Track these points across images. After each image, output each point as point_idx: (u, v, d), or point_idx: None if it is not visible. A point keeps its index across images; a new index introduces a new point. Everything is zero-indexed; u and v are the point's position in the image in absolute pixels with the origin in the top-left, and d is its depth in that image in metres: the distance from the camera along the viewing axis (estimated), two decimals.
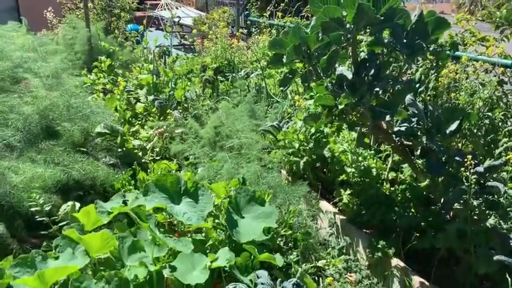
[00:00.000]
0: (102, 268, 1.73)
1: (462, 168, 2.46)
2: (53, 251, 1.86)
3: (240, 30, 6.63)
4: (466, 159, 2.42)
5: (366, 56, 2.85)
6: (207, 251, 2.03)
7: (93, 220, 2.03)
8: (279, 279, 1.71)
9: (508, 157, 2.47)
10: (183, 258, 1.79)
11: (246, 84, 5.28)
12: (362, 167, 3.54)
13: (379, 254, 2.85)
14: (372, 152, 3.66)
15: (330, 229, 3.39)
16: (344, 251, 3.19)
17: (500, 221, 2.52)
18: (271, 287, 1.66)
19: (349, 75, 2.85)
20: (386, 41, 2.78)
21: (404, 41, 2.75)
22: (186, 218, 1.97)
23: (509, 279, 2.18)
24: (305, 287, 1.75)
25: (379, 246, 2.86)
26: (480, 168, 2.48)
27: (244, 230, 1.96)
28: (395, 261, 2.80)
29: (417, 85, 3.65)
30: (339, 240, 3.27)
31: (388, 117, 2.65)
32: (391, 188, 3.35)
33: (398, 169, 3.56)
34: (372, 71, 2.70)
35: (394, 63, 3.45)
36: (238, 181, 2.30)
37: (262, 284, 1.67)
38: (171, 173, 2.07)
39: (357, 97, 2.68)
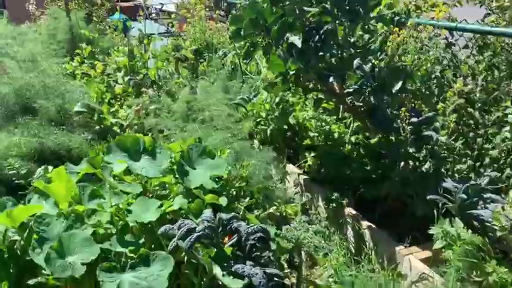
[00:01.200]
0: None
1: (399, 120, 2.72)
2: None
3: (217, 12, 6.83)
4: (400, 112, 2.68)
5: (313, 25, 3.09)
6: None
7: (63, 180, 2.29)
8: (218, 213, 1.99)
9: (439, 107, 2.72)
10: (139, 202, 2.06)
11: (222, 63, 5.52)
12: (324, 131, 3.81)
13: (334, 204, 3.13)
14: (334, 117, 3.92)
15: (295, 188, 3.68)
16: (307, 206, 3.48)
17: (437, 166, 2.79)
18: (211, 219, 1.93)
19: (299, 43, 3.09)
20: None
21: (347, 8, 2.98)
22: (144, 172, 2.24)
23: (436, 214, 2.45)
24: (247, 221, 2.02)
25: (334, 197, 3.13)
26: (414, 119, 2.74)
27: (194, 179, 2.22)
28: (348, 210, 3.08)
29: (378, 53, 3.89)
30: (302, 197, 3.55)
31: (332, 79, 2.90)
32: (350, 148, 3.62)
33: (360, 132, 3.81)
34: (317, 37, 2.94)
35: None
36: (194, 140, 2.55)
37: (205, 217, 1.94)
38: (130, 134, 2.33)
39: (304, 62, 2.93)
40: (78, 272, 1.58)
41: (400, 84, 3.04)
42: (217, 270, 1.73)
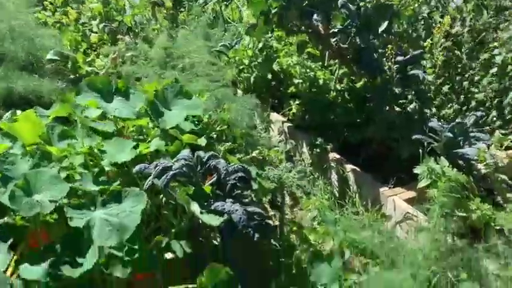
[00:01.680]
0: None
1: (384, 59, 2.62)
2: None
3: None
4: (386, 49, 2.57)
5: None
6: None
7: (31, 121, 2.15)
8: (197, 151, 1.90)
9: (425, 44, 2.62)
10: (113, 143, 1.95)
11: (202, 10, 5.28)
12: (309, 78, 3.70)
13: (318, 150, 3.07)
14: (319, 63, 3.79)
15: (279, 136, 3.60)
16: (291, 153, 3.42)
17: (422, 107, 2.72)
18: (189, 158, 1.84)
19: None
20: None
21: None
22: (118, 113, 2.12)
23: (421, 152, 2.40)
24: (226, 161, 1.93)
25: (318, 143, 3.07)
26: (400, 58, 2.64)
27: (169, 119, 2.11)
28: (332, 155, 3.02)
29: None
30: (287, 145, 3.48)
31: (315, 17, 2.76)
32: (335, 95, 3.53)
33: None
34: None
35: None
36: (170, 82, 2.42)
37: (182, 156, 1.85)
38: (102, 75, 2.19)
39: None
40: (47, 209, 1.49)
41: (386, 23, 2.91)
42: (195, 207, 1.66)
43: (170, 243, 1.83)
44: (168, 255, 1.93)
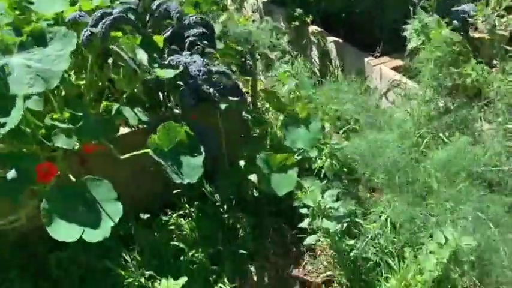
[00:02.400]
0: None
1: None
2: None
3: None
4: None
5: None
6: None
7: None
8: None
9: None
10: None
11: None
12: None
13: (297, 23, 2.73)
14: None
15: (253, 14, 3.23)
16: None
17: None
18: (134, 2, 1.51)
19: None
20: None
21: None
22: None
23: (411, 10, 2.09)
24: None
25: (296, 14, 2.72)
26: None
27: None
28: (312, 28, 2.69)
29: None
30: (262, 23, 3.12)
31: None
32: None
33: None
34: None
35: None
36: None
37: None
38: None
39: None
40: None
41: None
42: (141, 54, 1.37)
43: (121, 110, 1.56)
44: (125, 130, 1.68)
